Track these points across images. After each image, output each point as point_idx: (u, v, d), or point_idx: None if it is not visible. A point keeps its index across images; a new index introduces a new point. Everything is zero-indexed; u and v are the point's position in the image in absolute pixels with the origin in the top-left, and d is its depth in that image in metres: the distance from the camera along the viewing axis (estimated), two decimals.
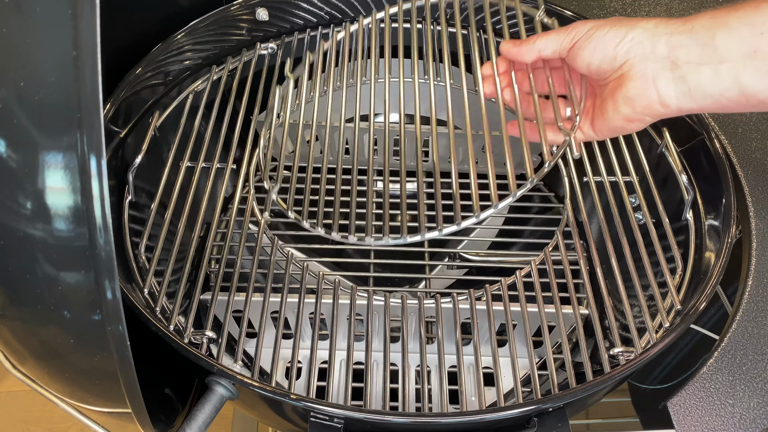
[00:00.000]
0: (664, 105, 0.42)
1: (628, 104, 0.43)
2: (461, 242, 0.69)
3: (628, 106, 0.43)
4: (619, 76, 0.44)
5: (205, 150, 0.59)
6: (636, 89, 0.43)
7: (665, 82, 0.42)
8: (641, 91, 0.43)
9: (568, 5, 0.69)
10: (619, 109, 0.44)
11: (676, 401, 0.51)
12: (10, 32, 0.30)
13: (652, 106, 0.43)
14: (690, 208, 0.56)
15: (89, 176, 0.28)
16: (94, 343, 0.33)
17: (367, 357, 0.48)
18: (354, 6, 0.70)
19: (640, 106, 0.43)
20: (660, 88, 0.42)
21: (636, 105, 0.43)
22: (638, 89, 0.43)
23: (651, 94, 0.42)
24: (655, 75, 0.42)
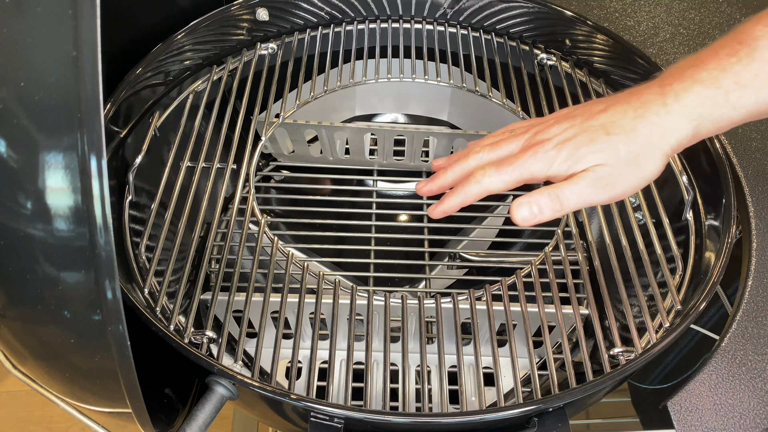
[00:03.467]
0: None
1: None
2: (461, 242, 0.69)
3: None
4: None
5: (205, 150, 0.59)
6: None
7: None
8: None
9: (569, 5, 0.69)
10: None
11: (676, 401, 0.51)
12: (10, 32, 0.30)
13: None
14: (690, 208, 0.56)
15: (89, 176, 0.28)
16: (94, 343, 0.33)
17: (367, 357, 0.48)
18: (354, 6, 0.71)
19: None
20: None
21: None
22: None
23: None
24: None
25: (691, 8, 0.81)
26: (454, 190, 0.46)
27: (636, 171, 0.42)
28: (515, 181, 0.44)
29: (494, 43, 0.71)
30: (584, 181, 0.42)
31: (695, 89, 0.41)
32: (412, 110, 0.80)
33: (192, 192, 0.56)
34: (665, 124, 0.42)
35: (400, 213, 0.74)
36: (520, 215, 0.43)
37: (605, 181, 0.42)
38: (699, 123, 0.42)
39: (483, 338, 0.57)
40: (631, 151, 0.42)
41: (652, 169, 0.42)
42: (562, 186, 0.43)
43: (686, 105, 0.41)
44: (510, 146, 0.46)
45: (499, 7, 0.69)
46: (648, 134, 0.42)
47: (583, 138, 0.43)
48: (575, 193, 0.42)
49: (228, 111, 0.63)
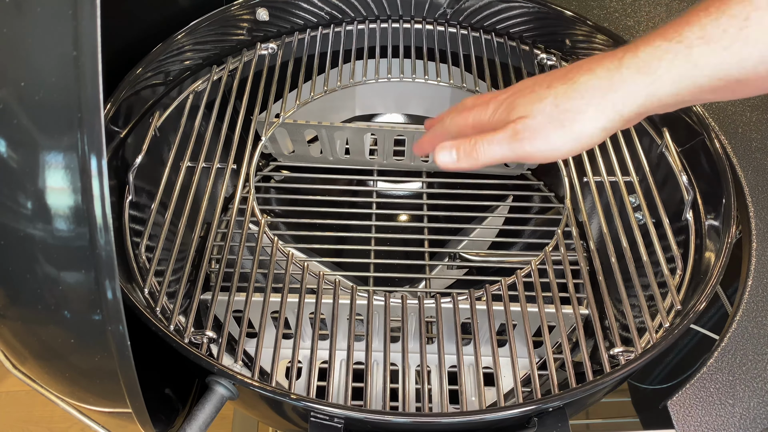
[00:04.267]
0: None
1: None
2: (461, 242, 0.69)
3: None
4: None
5: (205, 150, 0.59)
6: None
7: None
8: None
9: (569, 5, 0.69)
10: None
11: (676, 401, 0.51)
12: (10, 32, 0.30)
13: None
14: (690, 208, 0.56)
15: (90, 176, 0.28)
16: (94, 343, 0.33)
17: (367, 357, 0.48)
18: (354, 6, 0.71)
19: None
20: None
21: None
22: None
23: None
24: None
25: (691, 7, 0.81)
26: (430, 129, 0.49)
27: (560, 130, 0.39)
28: (470, 127, 0.44)
29: (494, 43, 0.71)
30: (503, 134, 0.41)
31: (655, 42, 0.38)
32: (412, 110, 0.80)
33: (192, 192, 0.56)
34: (613, 78, 0.38)
35: (400, 213, 0.74)
36: (440, 158, 0.43)
37: (522, 135, 0.40)
38: (654, 80, 0.37)
39: (483, 338, 0.57)
40: (558, 105, 0.39)
41: (581, 130, 0.39)
42: (482, 136, 0.42)
43: (641, 58, 0.37)
44: (486, 97, 0.46)
45: (499, 7, 0.69)
46: (588, 88, 0.38)
47: (527, 90, 0.41)
48: (491, 144, 0.41)
49: (228, 111, 0.63)
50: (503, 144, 0.41)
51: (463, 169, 0.43)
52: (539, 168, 0.75)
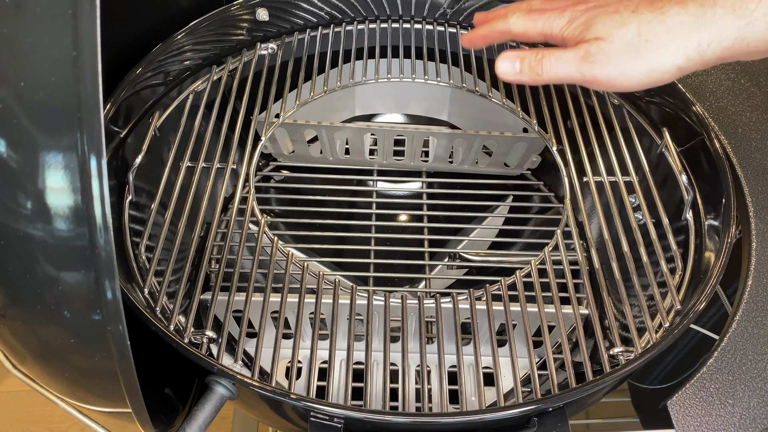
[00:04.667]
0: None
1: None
2: (461, 242, 0.69)
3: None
4: None
5: (205, 150, 0.59)
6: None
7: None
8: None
9: None
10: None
11: (676, 401, 0.51)
12: (10, 32, 0.30)
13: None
14: (690, 208, 0.56)
15: (89, 176, 0.28)
16: (94, 343, 0.33)
17: (367, 357, 0.48)
18: (354, 6, 0.71)
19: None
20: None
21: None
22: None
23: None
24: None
25: None
26: (485, 23, 0.46)
27: (636, 60, 0.37)
28: (537, 32, 0.42)
29: (495, 47, 0.71)
30: (574, 52, 0.39)
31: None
32: (412, 110, 0.80)
33: (192, 192, 0.56)
34: (705, 15, 0.36)
35: (400, 213, 0.74)
36: (501, 67, 0.41)
37: (594, 57, 0.38)
38: (750, 22, 0.35)
39: (483, 338, 0.57)
40: (641, 34, 0.37)
41: (657, 64, 0.37)
42: (551, 51, 0.40)
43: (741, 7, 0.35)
44: (560, 2, 0.43)
45: (498, 7, 0.69)
46: (676, 22, 0.36)
47: (611, 8, 0.39)
48: (560, 61, 0.39)
49: (228, 111, 0.63)
50: (572, 63, 0.39)
51: (524, 82, 0.42)
52: (539, 168, 0.75)
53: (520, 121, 0.66)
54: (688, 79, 0.74)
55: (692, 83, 0.73)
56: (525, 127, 0.71)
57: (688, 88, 0.73)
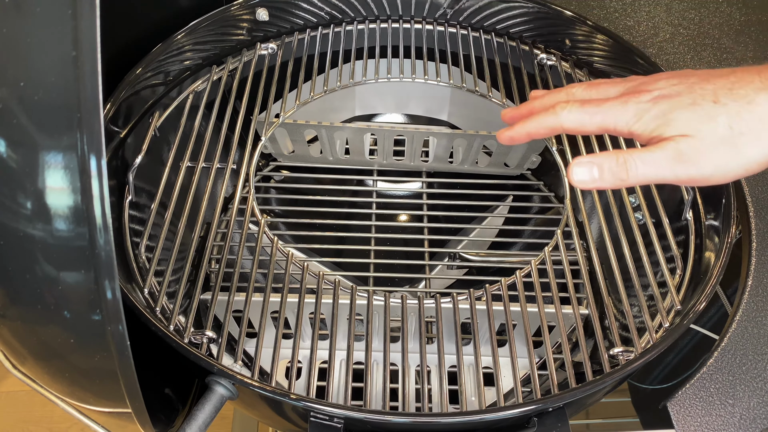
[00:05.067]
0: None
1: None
2: (461, 242, 0.69)
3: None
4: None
5: (205, 150, 0.59)
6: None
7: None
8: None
9: (569, 5, 0.69)
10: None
11: (676, 401, 0.51)
12: (10, 32, 0.30)
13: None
14: (690, 208, 0.56)
15: (89, 176, 0.28)
16: (94, 343, 0.33)
17: (367, 357, 0.48)
18: (354, 6, 0.71)
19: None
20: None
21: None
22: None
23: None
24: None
25: (691, 8, 0.81)
26: (530, 117, 0.41)
27: (731, 153, 0.35)
28: (595, 126, 0.38)
29: (494, 43, 0.71)
30: (662, 152, 0.36)
31: None
32: (412, 110, 0.80)
33: (192, 192, 0.56)
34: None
35: (400, 213, 0.74)
36: (577, 176, 0.37)
37: (686, 156, 0.35)
38: None
39: (483, 338, 0.57)
40: (733, 128, 0.35)
41: (755, 156, 0.35)
42: (635, 152, 0.36)
43: None
44: (609, 90, 0.41)
45: (499, 7, 0.69)
46: (765, 113, 0.34)
47: (686, 99, 0.36)
48: (647, 163, 0.36)
49: (228, 111, 0.63)
50: (664, 165, 0.36)
51: (605, 188, 0.38)
52: (539, 168, 0.75)
53: None
54: None
55: None
56: None
57: None
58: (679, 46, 0.76)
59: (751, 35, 0.77)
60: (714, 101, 0.36)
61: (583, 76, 0.67)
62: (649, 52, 0.75)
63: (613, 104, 0.38)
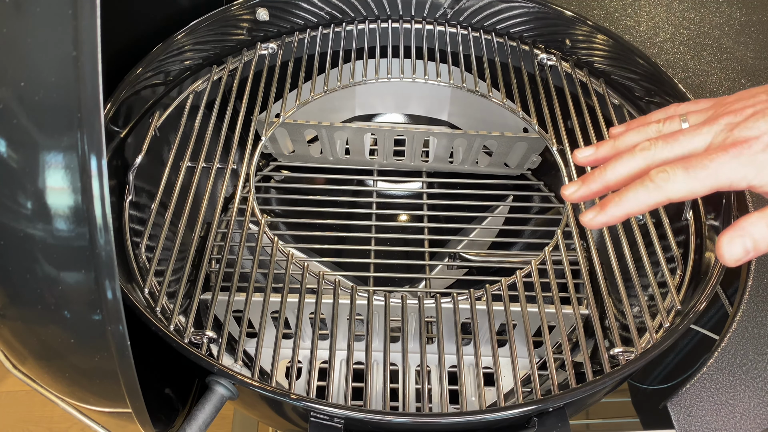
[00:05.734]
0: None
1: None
2: (461, 242, 0.69)
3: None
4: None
5: (205, 150, 0.59)
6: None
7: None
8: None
9: (569, 5, 0.69)
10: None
11: (676, 401, 0.51)
12: (10, 32, 0.30)
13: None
14: (690, 208, 0.56)
15: (90, 176, 0.28)
16: (94, 343, 0.33)
17: (367, 357, 0.48)
18: (354, 6, 0.71)
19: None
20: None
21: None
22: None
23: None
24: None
25: (691, 8, 0.81)
26: (622, 195, 0.36)
27: None
28: (707, 190, 0.35)
29: (494, 43, 0.71)
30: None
31: None
32: (412, 110, 0.80)
33: (192, 192, 0.56)
34: None
35: (400, 213, 0.74)
36: (733, 255, 0.33)
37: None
38: None
39: (483, 338, 0.57)
40: None
41: None
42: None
43: None
44: (693, 141, 0.37)
45: (499, 7, 0.69)
46: None
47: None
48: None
49: (228, 111, 0.63)
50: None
51: (761, 254, 0.34)
52: (539, 168, 0.75)
53: (521, 121, 0.66)
54: (689, 78, 0.74)
55: (692, 83, 0.73)
56: (525, 127, 0.71)
57: (689, 87, 0.73)
58: (680, 46, 0.76)
59: (751, 35, 0.77)
60: None
61: (583, 76, 0.67)
62: (649, 52, 0.75)
63: (722, 162, 0.34)
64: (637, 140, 0.39)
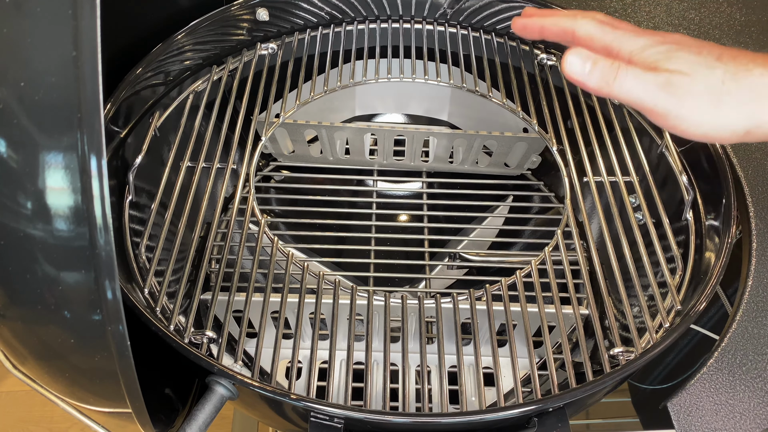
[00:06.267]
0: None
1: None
2: (461, 242, 0.69)
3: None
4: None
5: (205, 150, 0.59)
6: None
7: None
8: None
9: (568, 5, 0.69)
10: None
11: (676, 401, 0.51)
12: (10, 32, 0.30)
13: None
14: (690, 208, 0.56)
15: (90, 176, 0.28)
16: (94, 343, 0.33)
17: (367, 357, 0.48)
18: (354, 6, 0.71)
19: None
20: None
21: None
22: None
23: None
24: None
25: (691, 8, 0.81)
26: (549, 15, 0.44)
27: (713, 108, 0.36)
28: (603, 44, 0.40)
29: (494, 43, 0.71)
30: (653, 76, 0.37)
31: None
32: (412, 110, 0.80)
33: (192, 192, 0.56)
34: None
35: (400, 213, 0.74)
36: (569, 62, 0.39)
37: (674, 89, 0.37)
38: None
39: (483, 338, 0.57)
40: (724, 83, 0.36)
41: (729, 120, 0.37)
42: (627, 66, 0.38)
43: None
44: (630, 27, 0.42)
45: (499, 7, 0.69)
46: (760, 84, 0.36)
47: (693, 48, 0.38)
48: (637, 79, 0.37)
49: (228, 111, 0.63)
50: (649, 87, 0.37)
51: (588, 89, 0.39)
52: (539, 168, 0.75)
53: (520, 121, 0.66)
54: None
55: None
56: (525, 127, 0.71)
57: None
58: None
59: (751, 35, 0.77)
60: (717, 59, 0.37)
61: None
62: None
63: (627, 32, 0.40)
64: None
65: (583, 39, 0.43)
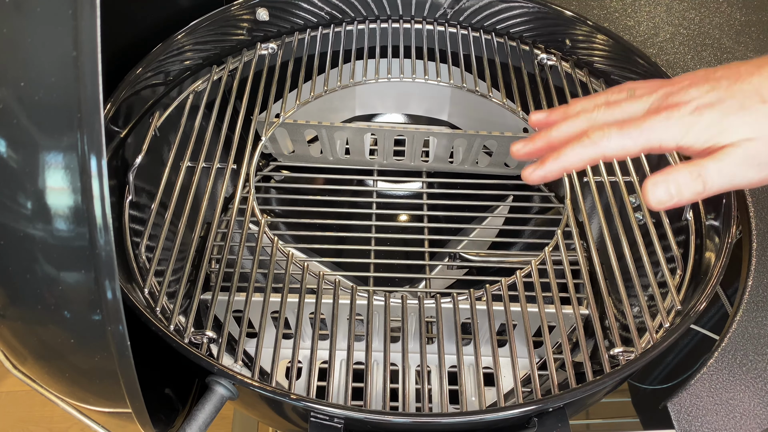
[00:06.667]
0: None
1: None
2: (461, 242, 0.69)
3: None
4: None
5: (205, 150, 0.59)
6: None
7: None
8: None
9: (569, 5, 0.69)
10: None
11: (676, 401, 0.51)
12: (10, 32, 0.30)
13: None
14: (690, 208, 0.56)
15: (89, 176, 0.28)
16: (94, 343, 0.33)
17: (367, 357, 0.48)
18: (354, 6, 0.71)
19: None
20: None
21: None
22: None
23: None
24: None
25: (691, 8, 0.81)
26: (561, 151, 0.39)
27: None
28: (639, 149, 0.37)
29: (494, 43, 0.71)
30: (731, 158, 0.35)
31: None
32: (412, 110, 0.80)
33: (192, 192, 0.56)
34: None
35: (400, 213, 0.74)
36: (655, 197, 0.36)
37: (758, 159, 0.35)
38: None
39: (483, 338, 0.57)
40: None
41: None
42: (705, 163, 0.36)
43: None
44: (632, 107, 0.39)
45: (499, 7, 0.69)
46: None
47: (732, 104, 0.36)
48: (722, 173, 0.36)
49: (228, 111, 0.63)
50: (736, 172, 0.36)
51: (681, 205, 0.37)
52: None
53: (520, 121, 0.66)
54: None
55: None
56: (525, 127, 0.71)
57: None
58: (680, 46, 0.76)
59: (751, 35, 0.77)
60: (762, 101, 0.36)
61: (583, 76, 0.67)
62: (649, 52, 0.75)
63: (654, 123, 0.37)
64: (585, 107, 0.42)
65: (616, 156, 0.39)
